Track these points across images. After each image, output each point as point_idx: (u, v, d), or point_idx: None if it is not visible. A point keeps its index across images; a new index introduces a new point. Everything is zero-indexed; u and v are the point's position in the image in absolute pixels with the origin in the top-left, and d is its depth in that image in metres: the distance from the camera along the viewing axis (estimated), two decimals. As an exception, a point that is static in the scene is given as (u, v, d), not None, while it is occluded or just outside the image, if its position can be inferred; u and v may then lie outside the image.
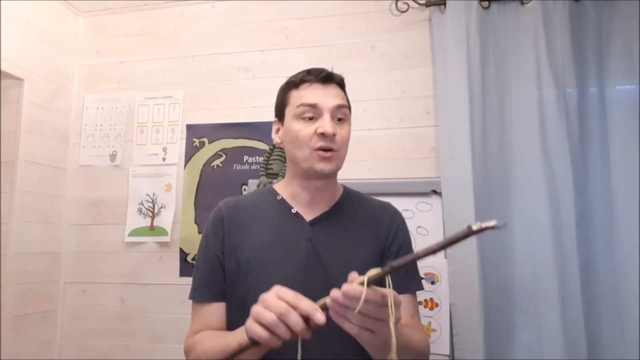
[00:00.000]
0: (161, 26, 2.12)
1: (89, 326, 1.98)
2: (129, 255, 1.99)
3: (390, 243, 0.98)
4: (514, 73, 1.70)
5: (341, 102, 0.92)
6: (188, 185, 1.98)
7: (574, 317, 1.51)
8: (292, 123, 0.92)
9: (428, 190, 1.70)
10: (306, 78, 0.93)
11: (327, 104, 0.90)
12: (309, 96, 0.91)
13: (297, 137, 0.91)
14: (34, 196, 1.91)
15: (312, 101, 0.90)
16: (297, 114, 0.91)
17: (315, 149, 0.89)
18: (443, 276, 1.60)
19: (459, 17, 1.73)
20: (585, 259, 1.57)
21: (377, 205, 1.04)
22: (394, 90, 1.87)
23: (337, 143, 0.90)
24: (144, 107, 2.08)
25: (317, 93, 0.91)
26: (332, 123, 0.90)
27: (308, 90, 0.92)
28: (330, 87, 0.93)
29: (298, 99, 0.92)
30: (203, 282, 0.94)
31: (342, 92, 0.97)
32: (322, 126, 0.88)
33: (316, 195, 0.96)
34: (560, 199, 1.58)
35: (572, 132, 1.61)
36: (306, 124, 0.90)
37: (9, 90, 1.86)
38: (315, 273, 0.89)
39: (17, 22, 1.83)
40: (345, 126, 0.93)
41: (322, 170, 0.91)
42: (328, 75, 0.94)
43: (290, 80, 0.97)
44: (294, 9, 1.99)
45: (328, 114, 0.90)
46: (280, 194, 0.99)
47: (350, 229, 0.97)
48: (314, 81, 0.92)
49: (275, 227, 0.94)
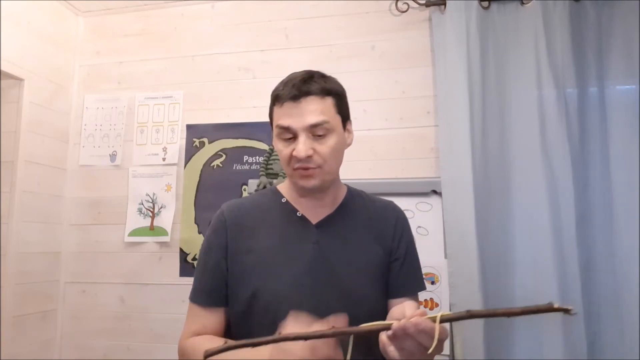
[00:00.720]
0: (161, 26, 2.12)
1: (89, 326, 1.98)
2: (129, 255, 1.99)
3: (397, 245, 0.98)
4: (514, 73, 1.70)
5: (317, 120, 0.86)
6: (188, 186, 1.98)
7: (574, 317, 1.51)
8: (276, 141, 0.91)
9: (428, 190, 1.70)
10: (280, 94, 0.88)
11: (300, 124, 0.86)
12: (283, 117, 0.87)
13: (280, 156, 0.91)
14: (34, 196, 1.91)
15: (284, 124, 0.87)
16: (276, 133, 0.90)
17: (295, 169, 0.89)
18: (443, 276, 1.60)
19: (459, 17, 1.73)
20: (585, 259, 1.57)
21: (381, 205, 1.04)
22: (394, 90, 1.87)
23: (317, 161, 0.87)
24: (144, 107, 2.08)
25: (290, 113, 0.86)
26: (309, 142, 0.86)
27: (282, 110, 0.88)
28: (304, 103, 0.86)
29: (276, 118, 0.90)
30: (204, 285, 0.93)
31: (325, 100, 0.89)
32: (296, 149, 0.86)
33: (318, 201, 0.96)
34: (560, 199, 1.58)
35: (572, 132, 1.61)
36: (285, 144, 0.89)
37: (9, 90, 1.86)
38: (322, 275, 0.89)
39: (17, 22, 1.83)
40: (328, 139, 0.88)
41: (304, 186, 0.91)
42: (299, 92, 0.87)
43: (272, 93, 0.92)
44: (294, 9, 1.99)
45: (303, 135, 0.86)
46: (285, 197, 0.99)
47: (356, 230, 0.97)
48: (285, 100, 0.87)
49: (281, 230, 0.94)
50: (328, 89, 0.90)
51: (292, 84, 0.89)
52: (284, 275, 0.88)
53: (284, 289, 0.87)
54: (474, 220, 1.59)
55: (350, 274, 0.91)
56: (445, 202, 1.65)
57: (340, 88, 0.95)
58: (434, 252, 1.65)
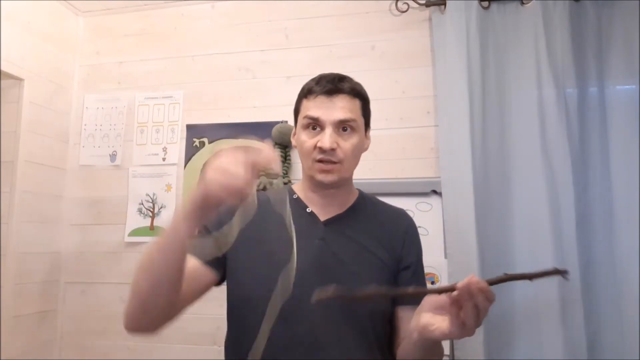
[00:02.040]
0: (161, 26, 2.12)
1: (89, 326, 1.98)
2: (129, 255, 1.99)
3: (407, 253, 1.00)
4: (514, 73, 1.70)
5: (345, 117, 0.92)
6: (188, 186, 1.98)
7: (574, 317, 1.51)
8: (300, 132, 0.96)
9: (428, 190, 1.71)
10: (314, 88, 0.94)
11: (329, 118, 0.91)
12: (313, 109, 0.92)
13: (302, 147, 0.94)
14: (34, 196, 1.91)
15: (314, 115, 0.92)
16: (303, 124, 0.94)
17: (316, 160, 0.92)
18: (443, 276, 1.61)
19: (459, 17, 1.73)
20: (585, 259, 1.57)
21: (393, 213, 1.06)
22: (394, 90, 1.86)
23: (339, 155, 0.91)
24: (144, 107, 2.08)
25: (322, 106, 0.92)
26: (334, 136, 0.91)
27: (313, 102, 0.93)
28: (336, 99, 0.92)
29: (305, 110, 0.94)
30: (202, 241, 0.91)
31: (354, 100, 0.95)
32: (321, 140, 0.90)
33: (328, 199, 0.98)
34: (560, 199, 1.58)
35: (572, 132, 1.61)
36: (310, 134, 0.93)
37: (9, 90, 1.86)
38: (327, 271, 0.90)
39: (17, 22, 1.83)
40: (352, 137, 0.93)
41: (321, 180, 0.93)
42: (334, 88, 0.93)
43: (303, 87, 0.98)
44: (294, 9, 1.99)
45: (330, 128, 0.91)
46: (297, 194, 1.02)
47: (363, 232, 0.98)
48: (319, 93, 0.93)
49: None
50: (358, 91, 0.97)
51: (326, 80, 0.94)
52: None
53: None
54: (474, 220, 1.59)
55: (353, 273, 0.92)
56: (445, 202, 1.65)
57: (367, 95, 1.01)
58: (434, 252, 1.65)
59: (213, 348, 1.84)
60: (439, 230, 1.67)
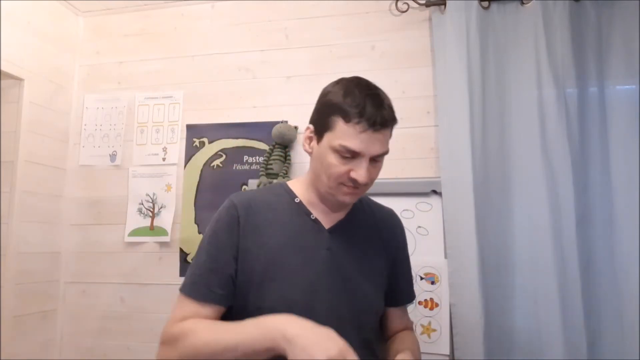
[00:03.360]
0: (161, 26, 2.12)
1: (89, 326, 1.98)
2: (129, 255, 1.99)
3: (400, 255, 1.06)
4: (514, 73, 1.70)
5: (384, 150, 0.87)
6: (188, 186, 1.98)
7: (574, 317, 1.51)
8: (328, 153, 0.87)
9: (428, 190, 1.70)
10: (360, 122, 0.83)
11: (370, 152, 0.85)
12: (355, 142, 0.84)
13: (330, 169, 0.87)
14: (34, 196, 1.91)
15: (356, 149, 0.84)
16: (336, 149, 0.85)
17: (345, 185, 0.88)
18: (443, 276, 1.60)
19: (459, 17, 1.73)
20: (585, 259, 1.57)
21: (387, 213, 1.08)
22: (394, 90, 1.85)
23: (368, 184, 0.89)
24: (144, 107, 2.08)
25: (365, 140, 0.84)
26: (368, 169, 0.86)
27: (356, 136, 0.83)
28: (380, 134, 0.85)
29: (342, 137, 0.84)
30: (205, 280, 0.88)
31: (390, 133, 0.89)
32: (357, 172, 0.85)
33: (334, 208, 0.97)
34: (560, 199, 1.58)
35: (572, 132, 1.61)
36: (342, 161, 0.86)
37: (9, 90, 1.86)
38: (334, 281, 0.90)
39: (17, 22, 1.83)
40: (378, 165, 0.90)
41: (344, 201, 0.92)
42: (381, 121, 0.84)
43: (341, 107, 0.85)
44: (294, 9, 1.99)
45: (367, 161, 0.86)
46: (299, 197, 0.97)
47: (365, 237, 0.99)
48: (367, 129, 0.83)
49: (294, 232, 0.92)
50: (395, 120, 0.89)
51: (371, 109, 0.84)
52: (296, 280, 0.88)
53: (296, 294, 0.87)
54: (474, 220, 1.59)
55: (360, 282, 0.94)
56: (445, 202, 1.65)
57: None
58: (434, 252, 1.65)
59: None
60: (439, 230, 1.67)
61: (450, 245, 1.63)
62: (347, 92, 0.86)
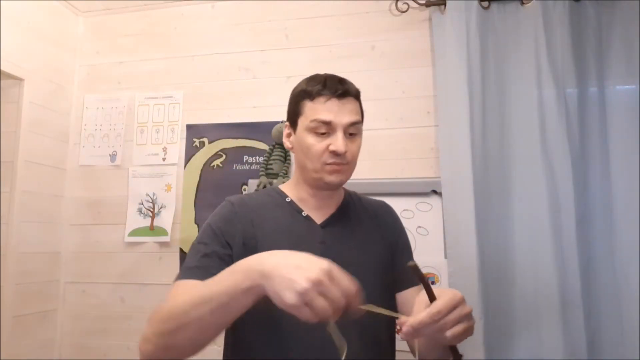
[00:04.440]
0: (161, 26, 2.12)
1: (89, 326, 1.98)
2: (129, 255, 1.99)
3: (398, 242, 1.04)
4: (514, 73, 1.70)
5: (355, 119, 0.92)
6: (188, 186, 1.98)
7: (574, 317, 1.51)
8: (305, 135, 0.92)
9: (428, 190, 1.71)
10: (323, 92, 0.91)
11: (341, 121, 0.90)
12: (324, 112, 0.90)
13: (309, 150, 0.91)
14: (34, 196, 1.91)
15: (326, 119, 0.89)
16: (310, 127, 0.91)
17: (327, 163, 0.91)
18: (443, 276, 1.61)
19: (459, 17, 1.73)
20: (585, 259, 1.57)
21: (377, 205, 1.09)
22: (394, 90, 1.86)
23: (348, 157, 0.91)
24: (144, 107, 2.08)
25: (333, 109, 0.90)
26: (344, 140, 0.90)
27: (323, 106, 0.90)
28: (345, 102, 0.91)
29: (312, 113, 0.91)
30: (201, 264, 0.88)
31: (358, 104, 0.95)
32: (334, 144, 0.89)
33: (324, 201, 0.99)
34: (560, 199, 1.58)
35: (572, 132, 1.61)
36: (319, 138, 0.91)
37: (9, 90, 1.86)
38: None
39: (17, 22, 1.83)
40: (356, 140, 0.94)
41: (332, 181, 0.93)
42: (345, 91, 0.91)
43: (305, 90, 0.94)
44: (294, 9, 1.99)
45: (341, 131, 0.90)
46: (289, 196, 1.00)
47: (358, 229, 1.00)
48: (330, 97, 0.90)
49: (287, 229, 0.94)
50: (358, 92, 0.96)
51: (331, 82, 0.92)
52: None
53: None
54: (474, 220, 1.59)
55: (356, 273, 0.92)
56: (445, 202, 1.65)
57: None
58: (434, 252, 1.66)
59: (213, 348, 1.83)
60: (439, 230, 1.67)
61: (450, 245, 1.63)
62: (309, 78, 0.95)
